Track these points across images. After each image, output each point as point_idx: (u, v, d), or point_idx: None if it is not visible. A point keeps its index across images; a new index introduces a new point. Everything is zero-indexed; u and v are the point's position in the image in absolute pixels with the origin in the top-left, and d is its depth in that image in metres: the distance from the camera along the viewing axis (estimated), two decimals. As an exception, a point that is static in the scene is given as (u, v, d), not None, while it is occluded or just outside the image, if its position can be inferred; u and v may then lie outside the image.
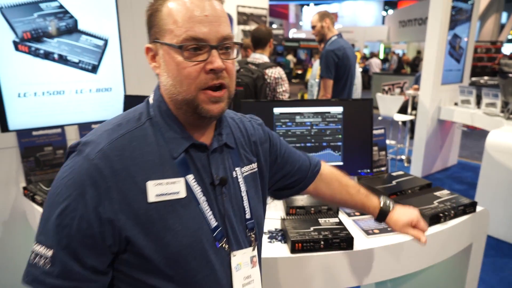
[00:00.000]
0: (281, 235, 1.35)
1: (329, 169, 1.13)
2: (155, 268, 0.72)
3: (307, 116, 1.61)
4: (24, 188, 1.85)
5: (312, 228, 1.29)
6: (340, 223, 1.34)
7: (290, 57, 14.27)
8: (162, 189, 0.72)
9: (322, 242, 1.23)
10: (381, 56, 18.60)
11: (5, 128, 1.88)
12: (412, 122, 5.44)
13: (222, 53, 0.74)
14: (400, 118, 5.03)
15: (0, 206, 1.92)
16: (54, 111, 2.02)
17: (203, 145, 0.80)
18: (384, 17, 22.95)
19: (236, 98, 2.68)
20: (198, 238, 0.75)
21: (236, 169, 0.87)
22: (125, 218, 0.68)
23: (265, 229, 1.39)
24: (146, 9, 0.77)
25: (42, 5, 1.88)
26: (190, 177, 0.76)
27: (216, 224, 0.78)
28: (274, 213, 1.54)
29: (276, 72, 2.80)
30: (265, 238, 1.34)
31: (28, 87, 1.92)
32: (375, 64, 14.12)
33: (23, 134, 1.90)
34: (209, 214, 0.77)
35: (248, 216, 0.86)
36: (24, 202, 1.87)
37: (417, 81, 5.69)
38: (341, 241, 1.24)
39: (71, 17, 1.97)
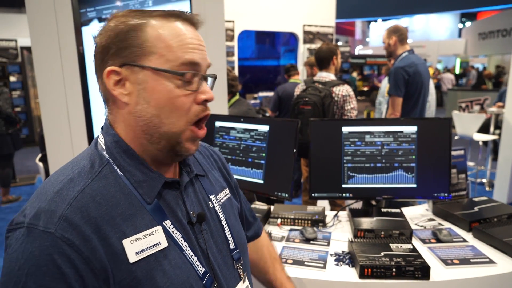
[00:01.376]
0: (349, 258, 1.30)
1: (265, 235, 1.10)
2: None
3: (377, 136, 1.55)
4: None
5: (382, 253, 1.22)
6: (414, 249, 1.25)
7: (355, 74, 13.97)
8: (141, 245, 0.62)
9: (394, 269, 1.16)
10: (457, 71, 17.28)
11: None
12: (495, 143, 4.94)
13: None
14: (481, 138, 4.59)
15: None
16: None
17: (175, 181, 0.72)
18: (460, 29, 21.43)
19: (304, 116, 2.70)
20: None
21: (211, 197, 0.80)
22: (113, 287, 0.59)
23: (332, 251, 1.36)
24: (112, 27, 0.65)
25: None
26: (168, 223, 0.67)
27: (204, 270, 0.70)
28: (341, 234, 1.50)
29: (343, 90, 2.75)
30: (331, 260, 1.30)
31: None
32: (447, 80, 13.10)
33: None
34: (195, 260, 0.69)
35: (232, 246, 0.79)
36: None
37: (501, 98, 5.18)
38: (415, 269, 1.16)
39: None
